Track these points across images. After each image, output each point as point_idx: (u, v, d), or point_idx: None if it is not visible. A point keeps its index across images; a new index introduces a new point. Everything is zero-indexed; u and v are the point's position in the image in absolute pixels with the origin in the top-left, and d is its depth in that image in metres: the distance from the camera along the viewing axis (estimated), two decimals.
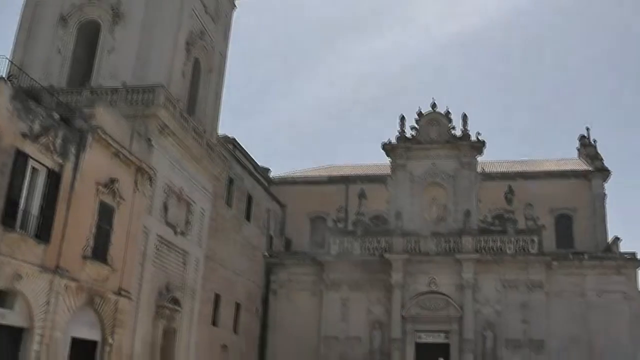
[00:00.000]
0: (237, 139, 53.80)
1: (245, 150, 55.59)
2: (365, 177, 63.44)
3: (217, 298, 45.12)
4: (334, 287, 52.72)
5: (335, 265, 53.11)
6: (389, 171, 56.38)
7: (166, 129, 34.86)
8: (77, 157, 26.72)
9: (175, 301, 36.10)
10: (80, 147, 26.96)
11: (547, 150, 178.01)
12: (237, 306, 49.26)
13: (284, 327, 53.37)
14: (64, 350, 26.28)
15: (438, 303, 50.88)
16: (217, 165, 41.04)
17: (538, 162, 66.79)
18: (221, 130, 46.91)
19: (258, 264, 53.95)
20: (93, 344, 28.74)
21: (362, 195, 55.53)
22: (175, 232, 36.39)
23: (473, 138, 54.81)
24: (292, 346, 52.34)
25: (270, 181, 63.06)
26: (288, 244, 62.18)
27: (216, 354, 44.67)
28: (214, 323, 44.67)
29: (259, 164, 60.01)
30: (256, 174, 55.61)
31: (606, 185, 62.06)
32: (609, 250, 55.79)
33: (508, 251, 51.25)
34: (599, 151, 64.43)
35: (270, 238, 57.74)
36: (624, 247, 54.44)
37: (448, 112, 56.12)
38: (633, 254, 53.68)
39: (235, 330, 48.86)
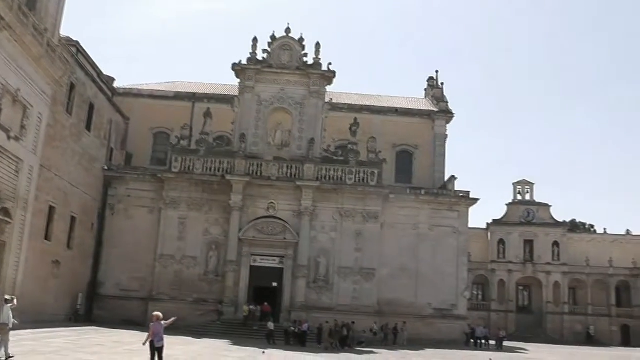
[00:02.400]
0: (81, 43, 52.15)
1: (89, 56, 53.85)
2: (213, 96, 64.62)
3: (52, 211, 44.49)
4: (173, 205, 53.95)
5: (175, 183, 54.22)
6: (237, 92, 57.58)
7: (2, 21, 33.68)
8: None
9: (6, 212, 34.51)
10: None
11: (396, 88, 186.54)
12: (72, 220, 48.92)
13: (120, 244, 53.94)
14: None
15: (275, 228, 53.63)
16: (57, 68, 40.04)
17: (385, 98, 70.71)
18: (65, 32, 45.57)
19: (96, 177, 53.73)
20: None
21: (207, 114, 56.51)
22: (9, 137, 34.99)
23: (324, 68, 57.04)
24: (128, 264, 53.36)
25: (115, 92, 62.03)
26: (129, 158, 62.05)
27: (47, 270, 44.21)
28: (47, 237, 44.05)
29: (103, 72, 58.59)
30: (100, 82, 54.44)
31: (448, 126, 67.29)
32: (444, 188, 60.99)
33: (348, 181, 54.60)
34: (445, 94, 69.13)
35: (111, 151, 57.41)
36: (459, 186, 60.04)
37: (302, 39, 57.94)
38: (467, 193, 59.47)
39: (69, 245, 48.51)
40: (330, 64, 56.95)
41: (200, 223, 53.81)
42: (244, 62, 56.83)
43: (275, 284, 53.26)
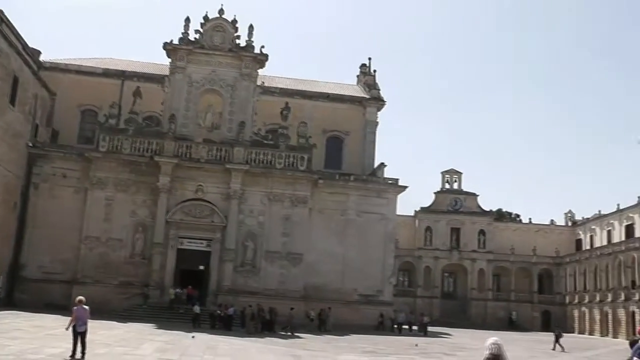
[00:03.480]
0: (4, 12, 50.39)
1: (14, 27, 52.18)
2: (143, 75, 64.21)
3: None
4: (100, 185, 53.64)
5: (103, 162, 53.88)
6: (168, 72, 57.48)
7: None
8: None
9: None
10: None
11: (329, 74, 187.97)
12: None
13: (44, 224, 53.13)
14: None
15: (203, 211, 53.98)
16: None
17: (318, 84, 71.54)
18: None
19: (20, 153, 52.79)
20: None
21: (137, 93, 56.11)
22: None
23: (257, 50, 57.52)
24: (51, 245, 52.57)
25: (41, 65, 60.81)
26: (55, 135, 61.02)
27: None
28: None
29: (29, 44, 57.12)
30: (25, 54, 53.33)
31: (379, 114, 68.55)
32: (374, 175, 62.37)
33: (278, 166, 55.41)
34: (377, 81, 70.36)
35: (36, 127, 56.43)
36: (388, 174, 61.61)
37: (235, 21, 58.24)
38: (396, 180, 61.03)
39: None
40: (263, 47, 57.54)
41: (127, 204, 53.64)
42: (176, 41, 56.76)
43: (202, 267, 53.64)
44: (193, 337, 33.96)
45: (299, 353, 28.66)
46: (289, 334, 43.42)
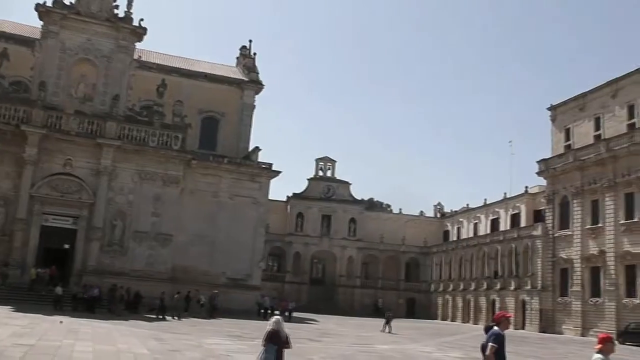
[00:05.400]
0: None
1: None
2: (11, 36, 61.15)
3: None
4: None
5: None
6: (40, 36, 55.40)
7: None
8: None
9: None
10: None
11: (209, 54, 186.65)
12: None
13: None
14: None
15: (71, 186, 52.73)
16: None
17: (197, 63, 71.41)
18: None
19: None
20: None
21: (3, 55, 54.04)
22: None
23: (136, 23, 56.86)
24: None
25: None
26: None
27: None
28: None
29: None
30: None
31: (257, 97, 69.47)
32: (248, 158, 63.14)
33: (151, 143, 55.26)
34: (256, 64, 70.98)
35: None
36: (263, 158, 62.66)
37: None
38: (269, 165, 62.13)
39: None
40: (142, 19, 57.03)
41: None
42: (49, 4, 54.85)
43: (67, 246, 52.48)
44: (61, 322, 32.86)
45: (164, 336, 28.83)
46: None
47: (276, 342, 12.30)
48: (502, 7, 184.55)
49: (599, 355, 9.30)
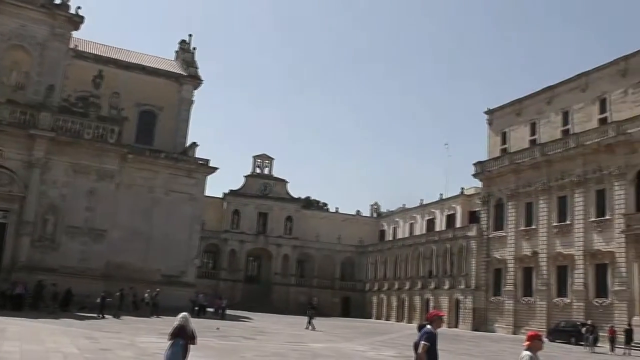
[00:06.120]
0: None
1: None
2: None
3: None
4: None
5: None
6: None
7: None
8: None
9: None
10: None
11: (149, 46, 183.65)
12: None
13: None
14: None
15: (2, 178, 50.46)
16: None
17: (135, 55, 69.86)
18: None
19: None
20: None
21: None
22: None
23: (73, 10, 55.05)
24: None
25: None
26: None
27: None
28: None
29: None
30: None
31: (196, 92, 68.48)
32: (185, 154, 62.26)
33: (86, 136, 53.49)
34: (196, 59, 69.96)
35: None
36: (201, 154, 61.96)
37: None
38: (206, 161, 61.43)
39: None
40: (79, 7, 55.34)
41: None
42: None
43: None
44: None
45: (95, 335, 27.99)
46: (88, 314, 42.14)
47: (182, 337, 12.70)
48: (439, 8, 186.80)
49: (527, 353, 9.45)
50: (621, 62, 56.48)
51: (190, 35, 73.39)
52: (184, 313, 13.10)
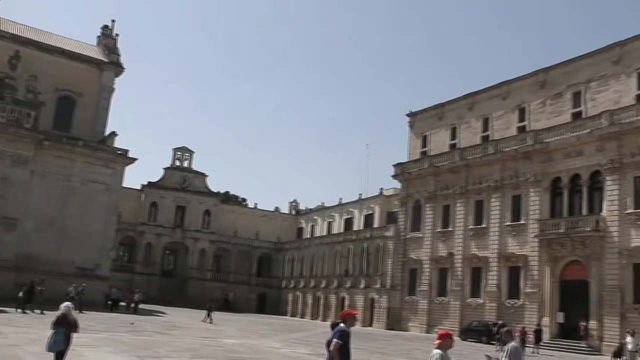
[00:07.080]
0: None
1: None
2: None
3: None
4: None
5: None
6: None
7: None
8: None
9: None
10: None
11: (71, 30, 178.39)
12: None
13: None
14: None
15: None
16: None
17: (55, 37, 67.39)
18: None
19: None
20: None
21: None
22: None
23: None
24: None
25: None
26: None
27: None
28: None
29: None
30: None
31: (117, 80, 66.66)
32: (103, 143, 60.50)
33: (0, 120, 51.13)
34: (118, 46, 68.20)
35: None
36: (120, 144, 60.07)
37: None
38: (125, 151, 60.05)
39: None
40: None
41: None
42: None
43: None
44: None
45: (4, 330, 26.77)
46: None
47: (64, 326, 13.19)
48: (366, 7, 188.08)
49: (438, 351, 9.61)
50: (540, 74, 57.92)
51: (113, 21, 71.44)
52: (67, 303, 13.73)
